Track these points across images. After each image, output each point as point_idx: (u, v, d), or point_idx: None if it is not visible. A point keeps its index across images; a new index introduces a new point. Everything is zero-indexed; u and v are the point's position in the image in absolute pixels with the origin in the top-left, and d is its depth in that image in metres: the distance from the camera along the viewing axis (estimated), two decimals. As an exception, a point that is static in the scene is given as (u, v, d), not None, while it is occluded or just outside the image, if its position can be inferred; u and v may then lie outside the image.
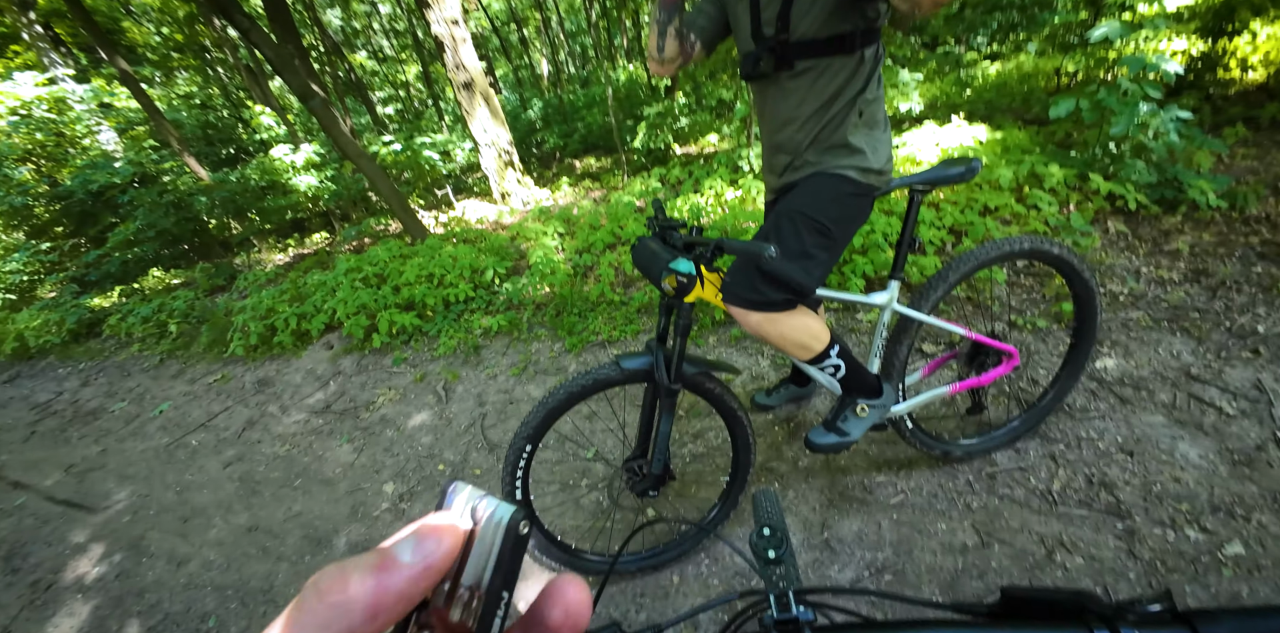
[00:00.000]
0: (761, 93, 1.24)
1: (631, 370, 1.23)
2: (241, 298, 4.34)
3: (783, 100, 1.19)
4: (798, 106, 1.18)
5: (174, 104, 9.50)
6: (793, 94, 1.17)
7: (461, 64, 4.84)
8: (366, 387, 2.85)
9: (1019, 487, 1.49)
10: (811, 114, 1.17)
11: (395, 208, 4.35)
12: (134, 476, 2.58)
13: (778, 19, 1.09)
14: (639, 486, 1.36)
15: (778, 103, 1.21)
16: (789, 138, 1.23)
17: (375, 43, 13.90)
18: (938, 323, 1.33)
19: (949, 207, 2.57)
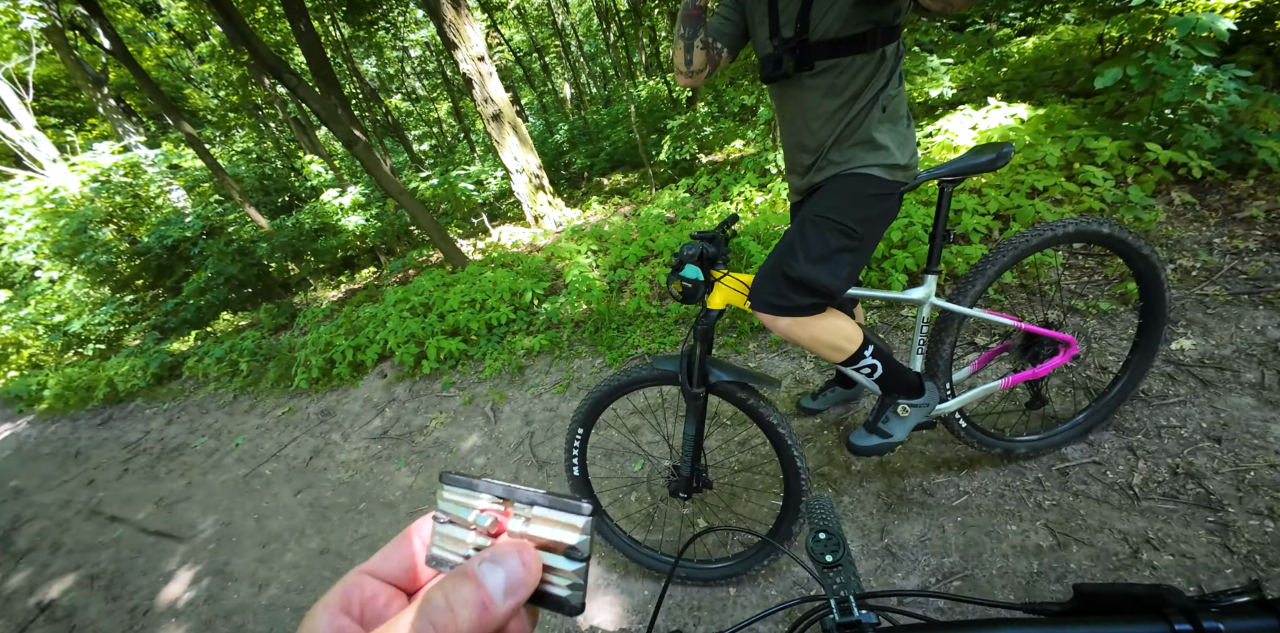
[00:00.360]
0: (782, 94, 1.25)
1: (661, 372, 1.30)
2: (302, 334, 4.69)
3: (804, 100, 1.20)
4: (819, 105, 1.18)
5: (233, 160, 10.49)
6: (813, 93, 1.18)
7: (490, 97, 5.13)
8: (419, 412, 3.01)
9: (1095, 482, 1.41)
10: (833, 112, 1.18)
11: (436, 239, 4.61)
12: (216, 506, 2.81)
13: (797, 20, 1.11)
14: (673, 486, 1.41)
15: (799, 103, 1.22)
16: (811, 137, 1.24)
17: (408, 85, 14.91)
18: (983, 315, 1.30)
19: (992, 191, 2.50)
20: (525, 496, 0.24)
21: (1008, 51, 4.45)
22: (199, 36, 12.84)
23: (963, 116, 3.25)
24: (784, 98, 1.26)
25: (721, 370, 1.26)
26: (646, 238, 3.54)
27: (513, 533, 0.24)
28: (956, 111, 3.37)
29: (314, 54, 6.41)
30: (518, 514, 0.24)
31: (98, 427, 4.75)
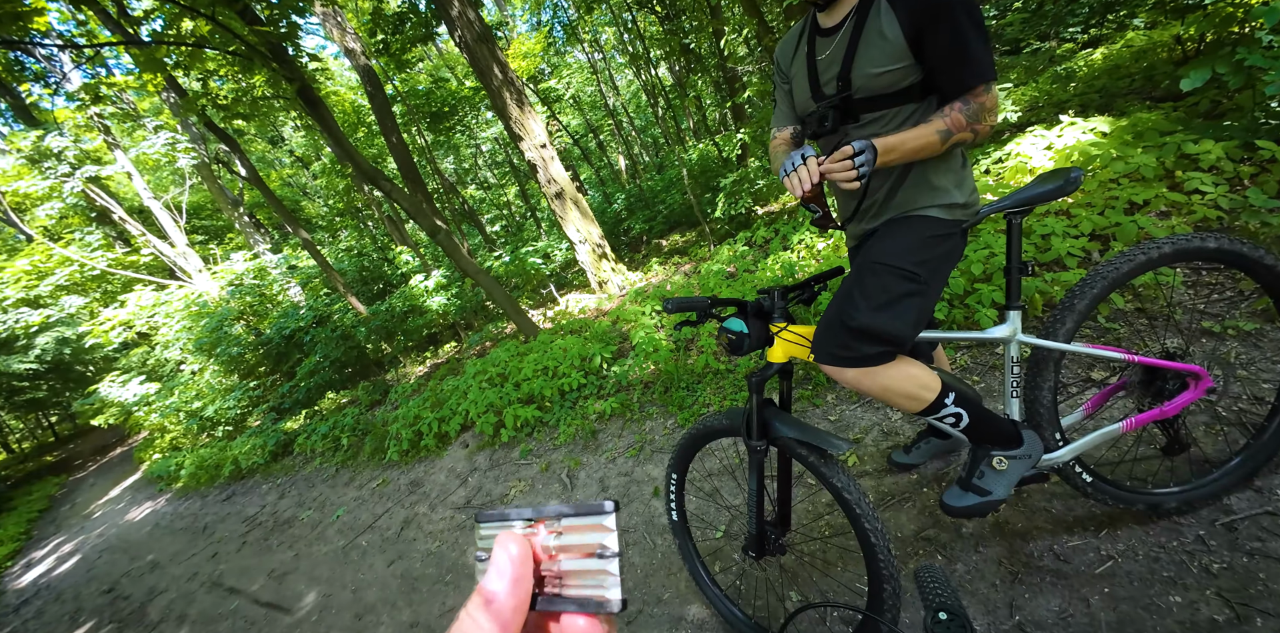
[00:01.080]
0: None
1: (730, 423, 1.35)
2: (393, 409, 5.11)
3: None
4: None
5: (339, 257, 12.18)
6: None
7: (552, 178, 5.71)
8: (500, 480, 3.12)
9: (1274, 537, 1.19)
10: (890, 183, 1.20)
11: (509, 312, 4.99)
12: (319, 577, 3.01)
13: (838, 79, 1.15)
14: (746, 545, 1.40)
15: None
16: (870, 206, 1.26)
17: (481, 175, 16.90)
18: (1083, 350, 1.20)
19: (1081, 211, 2.36)
20: (551, 510, 0.29)
21: (1074, 66, 4.33)
22: (313, 158, 15.58)
23: (1033, 137, 3.15)
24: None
25: (785, 426, 1.24)
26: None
27: (547, 548, 0.29)
28: (1026, 134, 3.28)
29: (403, 160, 7.54)
30: (550, 530, 0.29)
31: (223, 502, 5.33)
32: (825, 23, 1.19)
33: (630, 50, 9.57)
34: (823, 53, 1.18)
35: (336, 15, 7.72)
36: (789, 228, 4.18)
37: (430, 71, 13.26)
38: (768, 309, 1.29)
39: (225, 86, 6.82)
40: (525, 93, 5.79)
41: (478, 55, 5.34)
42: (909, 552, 1.57)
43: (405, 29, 7.92)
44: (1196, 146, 2.30)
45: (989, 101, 1.06)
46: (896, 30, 1.06)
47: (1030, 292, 2.09)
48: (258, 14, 4.34)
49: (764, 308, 1.29)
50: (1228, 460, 1.31)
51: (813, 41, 1.21)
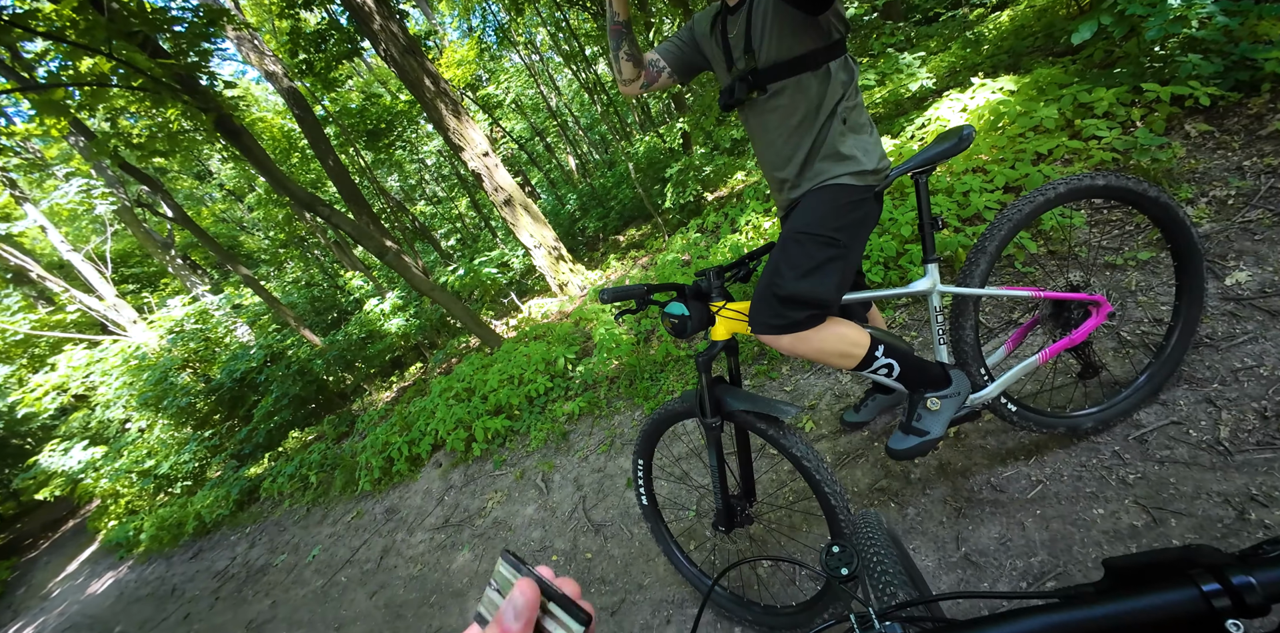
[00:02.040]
0: (748, 120, 1.39)
1: (687, 405, 1.41)
2: (361, 438, 5.04)
3: (767, 122, 1.33)
4: (781, 125, 1.31)
5: (286, 290, 11.88)
6: (773, 114, 1.31)
7: (499, 186, 5.72)
8: (476, 495, 3.14)
9: (1179, 444, 1.32)
10: (794, 129, 1.30)
11: (470, 325, 4.98)
12: (300, 621, 2.97)
13: (744, 50, 1.27)
14: (714, 520, 1.48)
15: (763, 125, 1.35)
16: (778, 156, 1.36)
17: (429, 190, 16.69)
18: (996, 291, 1.32)
19: (995, 167, 2.53)
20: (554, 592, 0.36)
21: (984, 30, 4.59)
22: (246, 189, 15.13)
23: (950, 101, 3.34)
24: (751, 123, 1.40)
25: (736, 400, 1.31)
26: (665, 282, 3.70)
27: None
28: (943, 99, 3.47)
29: (343, 182, 7.42)
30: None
31: (190, 560, 5.16)
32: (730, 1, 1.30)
33: (566, 48, 9.63)
34: (732, 30, 1.30)
35: (253, 39, 7.56)
36: (736, 211, 4.31)
37: (361, 88, 13.05)
38: (705, 290, 1.36)
39: (138, 124, 6.60)
40: (461, 102, 5.79)
41: (406, 68, 5.32)
42: (865, 503, 1.67)
43: (328, 47, 7.78)
44: (1090, 95, 2.49)
45: None
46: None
47: (954, 246, 2.24)
48: (161, 45, 4.24)
49: (701, 289, 1.37)
50: (1135, 379, 1.45)
51: (724, 21, 1.32)
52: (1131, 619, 0.27)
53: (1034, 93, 2.92)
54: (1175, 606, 0.27)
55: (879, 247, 2.49)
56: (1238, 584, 0.26)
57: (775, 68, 1.25)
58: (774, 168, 1.39)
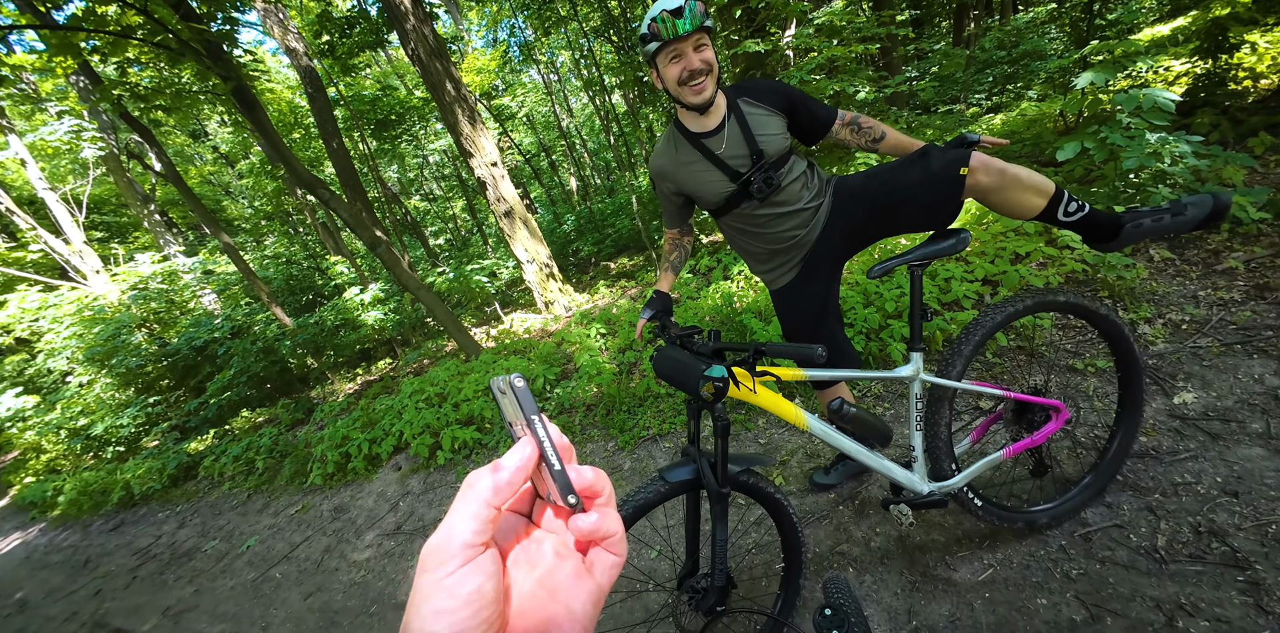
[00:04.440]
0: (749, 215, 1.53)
1: (679, 482, 1.26)
2: (319, 429, 4.84)
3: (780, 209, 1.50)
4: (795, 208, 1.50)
5: (264, 263, 11.45)
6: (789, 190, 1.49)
7: (502, 197, 5.74)
8: (434, 504, 3.05)
9: (1120, 547, 1.42)
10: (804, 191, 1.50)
11: (450, 329, 4.91)
12: (224, 614, 2.79)
13: (750, 154, 1.44)
14: (704, 603, 1.33)
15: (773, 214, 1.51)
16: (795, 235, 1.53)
17: (427, 187, 16.52)
18: (971, 387, 1.38)
19: (977, 259, 2.70)
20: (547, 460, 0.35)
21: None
22: (240, 156, 14.71)
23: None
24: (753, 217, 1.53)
25: (736, 462, 1.27)
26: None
27: None
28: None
29: (343, 167, 7.32)
30: None
31: (110, 533, 4.79)
32: (704, 126, 1.47)
33: (585, 75, 9.85)
34: (718, 148, 1.46)
35: (279, 12, 7.49)
36: (730, 258, 4.43)
37: (378, 78, 13.00)
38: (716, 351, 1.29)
39: (144, 72, 6.37)
40: (478, 109, 5.84)
41: (430, 70, 5.36)
42: (825, 565, 1.71)
43: (353, 33, 7.77)
44: (1069, 208, 2.71)
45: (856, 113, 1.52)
46: (773, 110, 1.46)
47: (933, 329, 2.36)
48: (193, 7, 4.18)
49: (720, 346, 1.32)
50: (1081, 478, 1.55)
51: (699, 147, 1.48)
52: None
53: (1019, 196, 3.16)
54: None
55: (864, 317, 2.61)
56: None
57: (777, 161, 1.46)
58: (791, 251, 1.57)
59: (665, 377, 1.26)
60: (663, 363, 1.27)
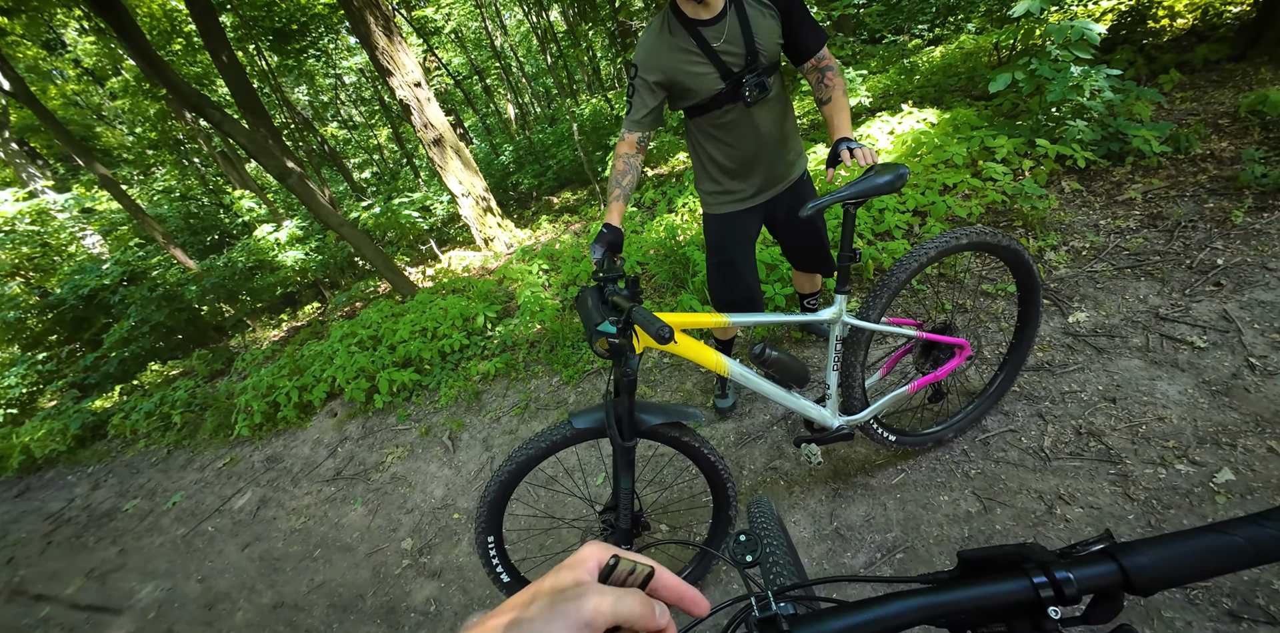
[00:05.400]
0: (746, 119, 1.49)
1: (584, 429, 1.24)
2: (241, 379, 4.53)
3: (765, 115, 1.50)
4: (781, 115, 1.54)
5: (154, 199, 10.09)
6: (774, 103, 1.50)
7: (429, 123, 5.20)
8: (374, 448, 2.97)
9: (1012, 448, 1.58)
10: (784, 116, 1.55)
11: (381, 269, 4.59)
12: (155, 571, 2.68)
13: (746, 53, 1.37)
14: (611, 539, 1.37)
15: (770, 115, 1.51)
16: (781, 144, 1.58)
17: (344, 112, 14.78)
18: (887, 329, 1.41)
19: (910, 190, 2.74)
20: None
21: (918, 61, 4.87)
22: (110, 72, 12.40)
23: (881, 123, 3.55)
24: (751, 116, 1.49)
25: (650, 414, 1.25)
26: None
27: None
28: (876, 119, 3.67)
29: (239, 85, 6.33)
30: None
31: (14, 500, 4.41)
32: (702, 15, 1.35)
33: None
34: (715, 39, 1.36)
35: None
36: (675, 191, 4.31)
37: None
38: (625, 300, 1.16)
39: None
40: (395, 20, 5.12)
41: (330, -32, 4.57)
42: (760, 480, 1.82)
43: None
44: (994, 141, 2.77)
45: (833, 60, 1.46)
46: (772, 12, 1.39)
47: (865, 258, 2.42)
48: None
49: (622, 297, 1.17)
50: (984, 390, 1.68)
51: (695, 35, 1.36)
52: (978, 604, 0.33)
53: (950, 130, 3.19)
54: (1012, 594, 0.32)
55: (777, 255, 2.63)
56: (1060, 579, 0.31)
57: (770, 66, 1.43)
58: (778, 152, 1.58)
59: (582, 319, 1.19)
60: (580, 304, 1.19)
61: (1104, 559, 0.32)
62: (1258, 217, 1.94)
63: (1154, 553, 0.32)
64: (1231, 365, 1.53)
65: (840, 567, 1.48)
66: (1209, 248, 1.90)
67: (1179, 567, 0.32)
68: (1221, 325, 1.65)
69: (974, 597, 0.33)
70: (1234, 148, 2.29)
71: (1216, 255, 1.87)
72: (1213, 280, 1.79)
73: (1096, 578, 0.32)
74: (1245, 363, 1.52)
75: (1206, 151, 2.33)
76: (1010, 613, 0.33)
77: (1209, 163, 2.27)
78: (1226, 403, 1.45)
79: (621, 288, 1.17)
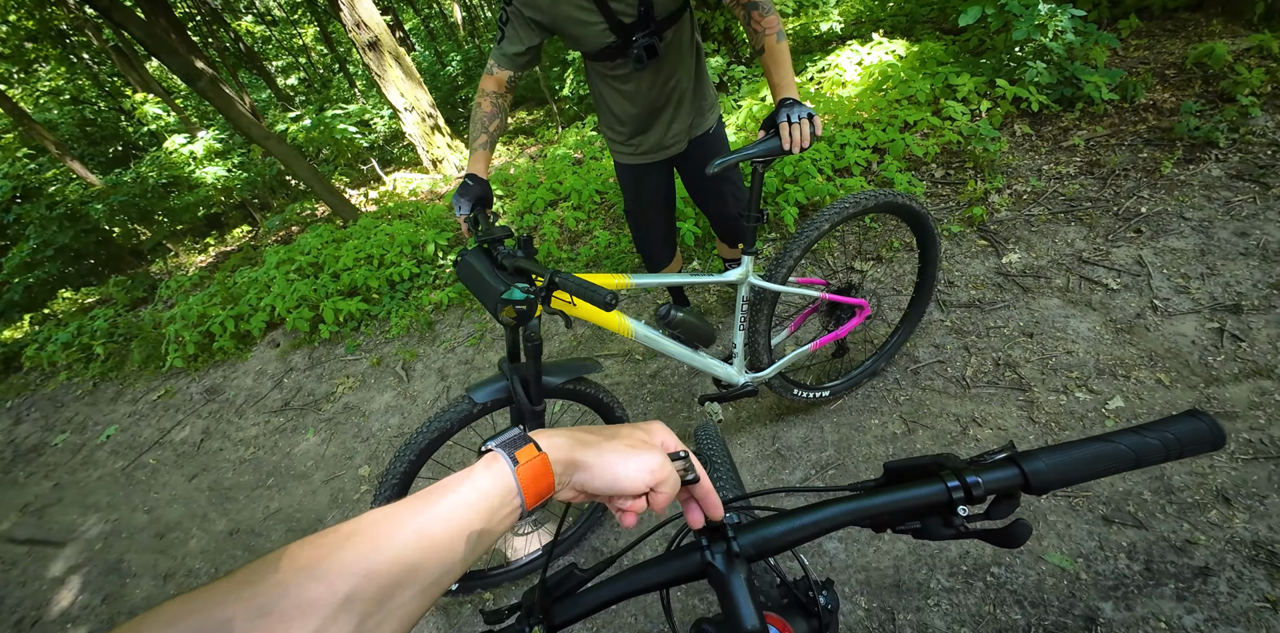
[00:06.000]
0: (638, 74, 1.33)
1: (489, 402, 1.16)
2: (168, 307, 4.17)
3: (664, 71, 1.34)
4: (678, 65, 1.36)
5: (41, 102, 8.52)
6: (671, 55, 1.32)
7: (362, 21, 4.51)
8: (323, 379, 2.86)
9: (938, 377, 1.68)
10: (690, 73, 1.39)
11: (318, 190, 4.17)
12: (96, 504, 2.57)
13: (639, 5, 1.17)
14: None
15: (663, 75, 1.35)
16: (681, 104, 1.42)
17: (261, 4, 12.60)
18: (792, 290, 1.38)
19: (871, 126, 2.67)
20: None
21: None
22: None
23: (850, 52, 3.36)
24: (646, 75, 1.33)
25: (555, 375, 1.19)
26: (554, 181, 3.44)
27: None
28: (846, 48, 3.47)
29: (119, -38, 5.20)
30: None
31: (-79, 435, 4.05)
32: None
33: None
34: None
35: None
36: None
37: None
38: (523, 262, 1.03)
39: None
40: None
41: None
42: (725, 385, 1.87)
43: None
44: (958, 79, 2.68)
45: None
46: None
47: (824, 193, 2.38)
48: None
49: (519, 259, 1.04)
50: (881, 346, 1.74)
51: None
52: (900, 506, 0.37)
53: (917, 64, 3.06)
54: (930, 496, 0.36)
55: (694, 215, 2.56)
56: (970, 482, 0.36)
57: (667, 18, 1.24)
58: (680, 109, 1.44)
59: (469, 287, 1.07)
60: (465, 271, 1.05)
61: (1008, 465, 0.36)
62: (1184, 168, 2.01)
63: (1050, 459, 0.35)
64: (1137, 306, 1.65)
65: (779, 482, 1.59)
66: (1136, 196, 1.98)
67: (1070, 470, 0.35)
68: (1135, 269, 1.75)
69: (897, 500, 0.37)
70: (1175, 99, 2.32)
71: (1142, 204, 1.95)
72: (1134, 227, 1.88)
73: (1001, 481, 0.36)
74: (1149, 304, 1.64)
75: (1150, 101, 2.35)
76: (925, 513, 0.37)
77: (1150, 113, 2.31)
78: (1127, 339, 1.58)
79: (513, 248, 1.04)
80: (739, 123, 3.25)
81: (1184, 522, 1.18)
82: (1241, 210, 1.78)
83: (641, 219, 1.73)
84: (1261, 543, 1.10)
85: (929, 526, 0.37)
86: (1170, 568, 1.12)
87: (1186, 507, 1.21)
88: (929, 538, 0.37)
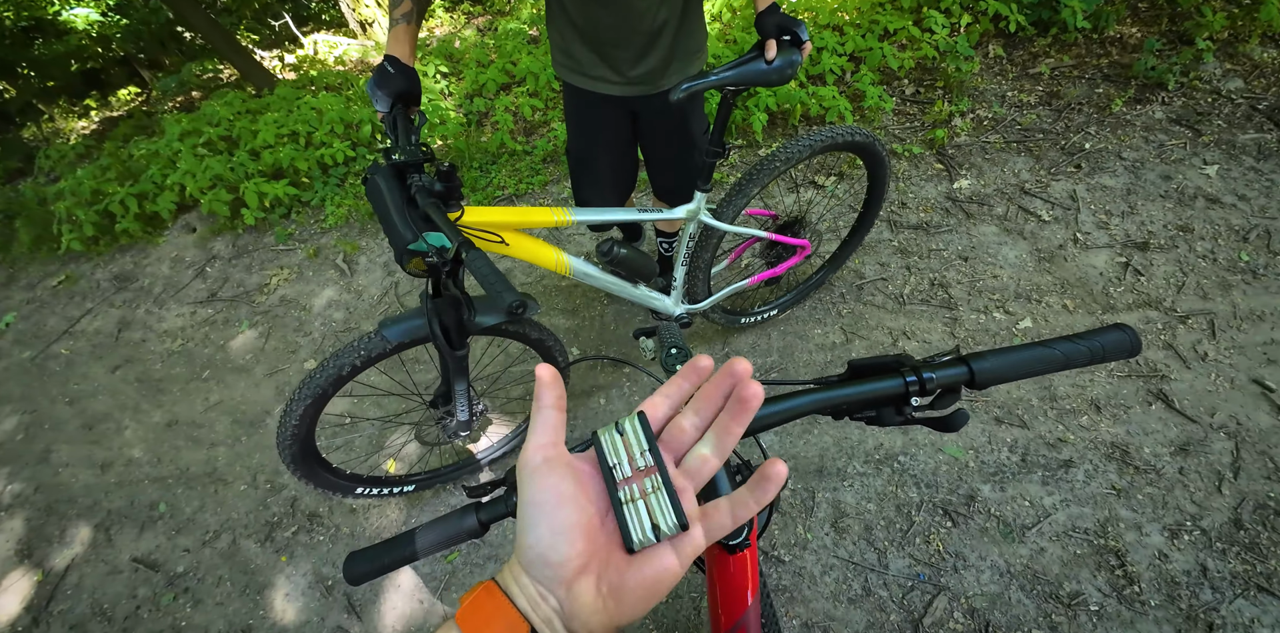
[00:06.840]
0: None
1: (403, 342, 1.00)
2: (52, 181, 3.38)
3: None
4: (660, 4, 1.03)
5: None
6: None
7: None
8: (253, 269, 2.50)
9: (879, 293, 1.69)
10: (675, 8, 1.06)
11: (220, 47, 3.30)
12: (7, 396, 2.24)
13: None
14: (449, 430, 1.26)
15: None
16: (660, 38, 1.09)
17: None
18: (738, 230, 1.27)
19: (851, 30, 2.37)
20: None
21: None
22: None
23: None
24: None
25: (483, 314, 1.00)
26: (506, 61, 2.89)
27: None
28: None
29: None
30: None
31: None
32: None
33: None
34: None
35: None
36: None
37: None
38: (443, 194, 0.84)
39: None
40: None
41: None
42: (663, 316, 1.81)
43: None
44: (944, -13, 2.38)
45: None
46: None
47: (795, 101, 2.15)
48: None
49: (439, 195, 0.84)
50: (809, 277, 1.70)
51: None
52: (864, 397, 0.39)
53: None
54: (888, 389, 0.39)
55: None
56: (925, 378, 0.38)
57: None
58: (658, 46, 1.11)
59: (376, 213, 0.85)
60: (373, 192, 0.83)
61: (959, 364, 0.39)
62: (1132, 107, 1.96)
63: (995, 360, 0.39)
64: (1061, 238, 1.68)
65: (724, 384, 1.60)
66: (1084, 132, 1.93)
67: (1010, 369, 0.39)
68: (1067, 203, 1.76)
69: (862, 391, 0.39)
70: (1141, 35, 2.19)
71: (1087, 140, 1.91)
72: (1075, 162, 1.86)
73: (951, 377, 0.39)
74: (1072, 237, 1.68)
75: (1118, 35, 2.21)
76: (882, 403, 0.40)
77: (1115, 47, 2.18)
78: (1047, 268, 1.63)
79: (432, 178, 0.82)
80: (714, 11, 2.79)
81: (1060, 424, 1.32)
82: (1171, 154, 1.79)
83: (583, 164, 1.37)
84: (1118, 444, 1.25)
85: (883, 414, 0.40)
86: (1041, 460, 1.26)
87: (1064, 412, 1.33)
88: (881, 425, 0.40)
